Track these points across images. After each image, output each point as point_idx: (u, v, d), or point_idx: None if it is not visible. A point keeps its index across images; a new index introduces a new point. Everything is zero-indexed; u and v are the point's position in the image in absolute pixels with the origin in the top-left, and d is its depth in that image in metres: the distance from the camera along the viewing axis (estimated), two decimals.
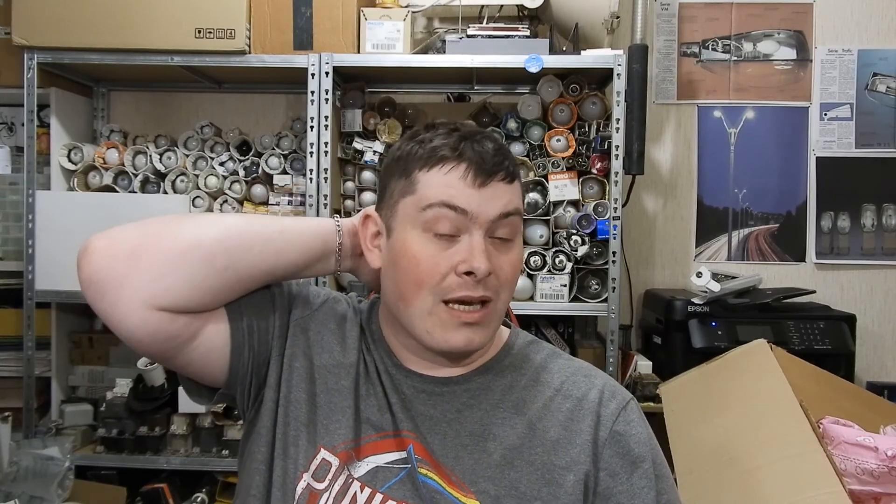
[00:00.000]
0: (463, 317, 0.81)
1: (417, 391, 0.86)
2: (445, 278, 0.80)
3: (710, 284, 2.00)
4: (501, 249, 0.83)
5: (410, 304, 0.82)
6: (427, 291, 0.81)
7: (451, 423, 0.85)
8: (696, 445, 1.44)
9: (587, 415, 0.85)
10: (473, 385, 0.87)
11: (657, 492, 0.83)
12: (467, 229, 0.81)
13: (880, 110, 2.38)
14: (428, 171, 0.81)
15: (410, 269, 0.81)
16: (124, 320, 0.77)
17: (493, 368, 0.89)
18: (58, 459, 1.80)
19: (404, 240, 0.82)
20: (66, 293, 2.04)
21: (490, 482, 0.81)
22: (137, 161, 2.16)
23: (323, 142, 1.99)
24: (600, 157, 2.02)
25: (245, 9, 1.98)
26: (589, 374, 0.90)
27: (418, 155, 0.82)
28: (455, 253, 0.80)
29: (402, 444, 0.83)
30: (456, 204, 0.79)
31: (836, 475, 1.17)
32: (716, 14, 2.40)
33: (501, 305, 0.85)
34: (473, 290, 0.80)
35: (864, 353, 2.33)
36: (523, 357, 0.91)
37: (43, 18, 1.99)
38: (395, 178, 0.85)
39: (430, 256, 0.80)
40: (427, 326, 0.82)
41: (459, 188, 0.80)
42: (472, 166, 0.80)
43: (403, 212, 0.83)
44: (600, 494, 0.83)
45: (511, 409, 0.86)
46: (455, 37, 2.05)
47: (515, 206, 0.83)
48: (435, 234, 0.80)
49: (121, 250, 0.76)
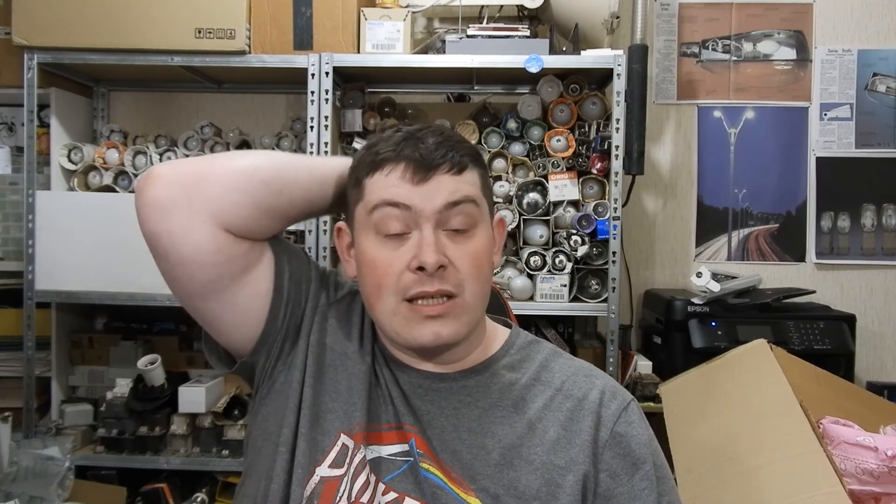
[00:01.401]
0: (425, 310, 0.82)
1: (414, 386, 0.87)
2: (401, 277, 0.81)
3: (710, 284, 2.00)
4: (458, 240, 0.83)
5: (376, 308, 0.84)
6: (388, 293, 0.82)
7: (449, 418, 0.85)
8: (696, 445, 1.44)
9: (587, 415, 0.85)
10: (471, 383, 0.87)
11: (658, 493, 0.83)
12: (416, 225, 0.81)
13: (880, 110, 2.38)
14: (372, 175, 0.83)
15: (369, 274, 0.84)
16: (191, 235, 0.80)
17: (490, 367, 0.89)
18: (58, 459, 1.80)
19: (363, 246, 0.85)
20: (66, 293, 2.04)
21: (489, 480, 0.81)
22: (137, 161, 2.16)
23: (323, 142, 1.99)
24: (600, 157, 2.02)
25: (245, 9, 1.98)
26: (590, 374, 0.90)
27: (365, 162, 0.85)
28: (406, 251, 0.81)
29: (405, 437, 0.83)
30: (398, 201, 0.81)
31: (836, 475, 1.17)
32: (716, 14, 2.40)
33: (471, 298, 0.83)
34: (429, 285, 0.81)
35: (864, 353, 2.33)
36: (523, 356, 0.91)
37: (43, 18, 1.98)
38: (350, 188, 0.87)
39: (384, 259, 0.82)
40: (395, 326, 0.83)
41: (400, 186, 0.81)
42: (411, 164, 0.81)
43: (358, 219, 0.85)
44: (601, 496, 0.83)
45: (511, 407, 0.86)
46: (455, 37, 2.05)
47: (465, 195, 0.83)
48: (385, 236, 0.82)
49: (187, 173, 0.81)
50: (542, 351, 0.93)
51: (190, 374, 2.16)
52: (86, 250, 2.02)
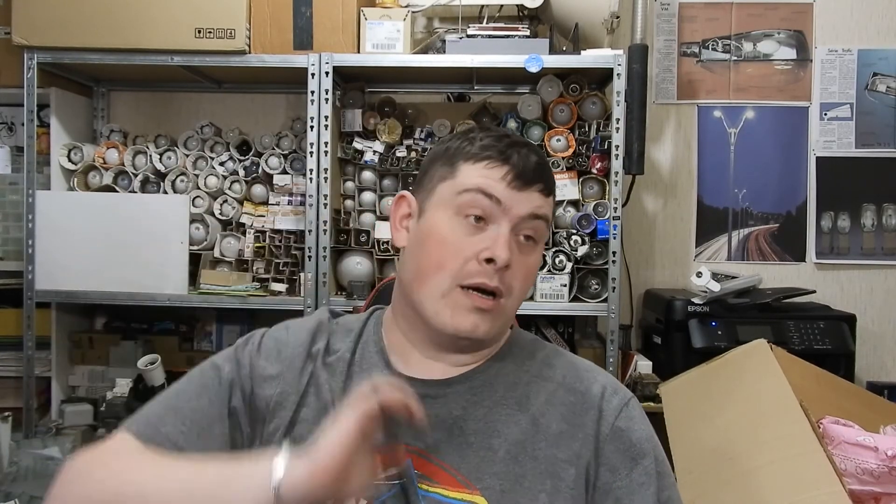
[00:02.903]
0: (477, 301, 0.83)
1: (421, 397, 0.83)
2: (467, 263, 0.83)
3: (710, 284, 2.00)
4: (524, 250, 0.86)
5: (426, 284, 0.84)
6: (446, 273, 0.83)
7: (456, 420, 0.85)
8: (696, 445, 1.44)
9: (589, 409, 0.86)
10: (476, 382, 0.88)
11: (658, 488, 0.83)
12: (496, 220, 0.84)
13: (880, 110, 2.38)
14: (473, 164, 0.85)
15: (435, 248, 0.84)
16: None
17: (493, 366, 0.89)
18: (58, 459, 1.80)
19: (435, 220, 0.86)
20: (66, 293, 2.04)
21: (495, 478, 0.81)
22: (137, 161, 2.16)
23: (323, 142, 1.99)
24: (600, 157, 2.02)
25: (245, 9, 1.98)
26: (591, 370, 0.91)
27: (466, 150, 0.87)
28: (480, 240, 0.83)
29: (397, 458, 0.78)
30: (491, 193, 0.83)
31: (836, 475, 1.16)
32: (716, 14, 2.40)
33: (511, 304, 0.86)
34: (490, 279, 0.83)
35: (864, 353, 2.32)
36: (526, 354, 0.92)
37: (43, 18, 1.99)
38: (438, 165, 0.89)
39: (456, 240, 0.84)
40: (438, 308, 0.84)
41: (498, 183, 0.84)
42: (514, 170, 0.84)
43: (440, 195, 0.86)
44: (599, 489, 0.83)
45: (514, 405, 0.86)
46: (455, 37, 2.05)
47: (545, 213, 0.87)
48: (465, 217, 0.84)
49: None
50: (543, 349, 0.94)
51: None
52: (86, 250, 2.02)
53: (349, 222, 2.10)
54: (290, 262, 2.08)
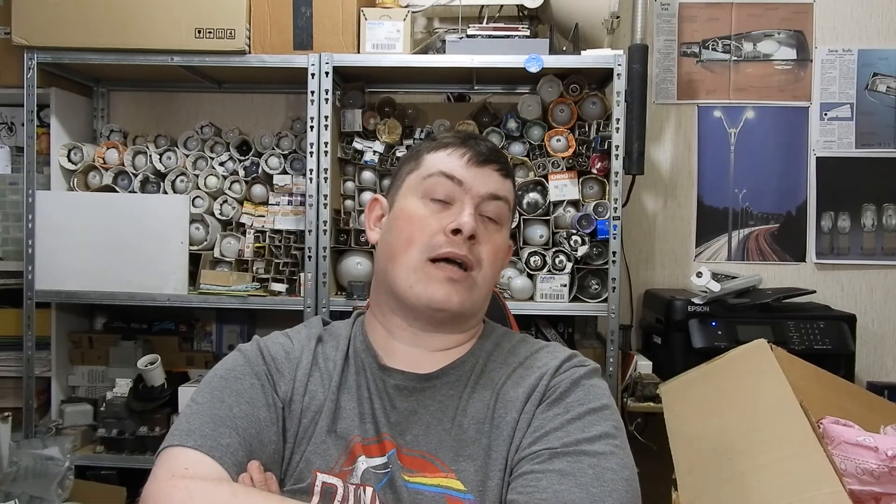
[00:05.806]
0: (448, 272, 0.88)
1: (399, 389, 0.90)
2: (434, 236, 0.89)
3: (710, 284, 2.00)
4: (489, 228, 0.93)
5: (398, 261, 0.90)
6: (416, 248, 0.89)
7: (435, 413, 0.88)
8: (696, 445, 1.43)
9: (544, 374, 0.89)
10: (451, 378, 0.91)
11: (567, 431, 0.82)
12: (460, 199, 0.92)
13: (880, 110, 2.38)
14: (435, 153, 0.95)
15: (405, 226, 0.91)
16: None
17: (468, 360, 0.93)
18: (58, 459, 1.80)
19: (404, 205, 0.94)
20: (66, 293, 2.04)
21: (469, 460, 0.84)
22: (137, 161, 2.16)
23: (323, 142, 1.99)
24: (600, 157, 2.02)
25: (245, 9, 1.98)
26: (554, 350, 0.94)
27: (430, 145, 0.97)
28: (446, 216, 0.91)
29: (384, 448, 0.86)
30: (453, 174, 0.92)
31: (836, 475, 1.16)
32: (716, 14, 2.40)
33: (482, 280, 0.92)
34: (459, 248, 0.89)
35: (864, 353, 2.33)
36: (494, 345, 0.96)
37: (43, 18, 1.99)
38: (406, 164, 0.98)
39: (423, 217, 0.91)
40: (411, 282, 0.89)
41: (458, 164, 0.93)
42: (471, 151, 0.94)
43: (408, 184, 0.95)
44: (518, 430, 0.85)
45: (483, 387, 0.90)
46: (455, 37, 2.05)
47: (505, 195, 0.95)
48: (431, 199, 0.92)
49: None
50: (512, 338, 0.98)
51: (190, 374, 2.16)
52: (86, 250, 2.02)
53: (349, 222, 2.10)
54: (289, 263, 2.08)
